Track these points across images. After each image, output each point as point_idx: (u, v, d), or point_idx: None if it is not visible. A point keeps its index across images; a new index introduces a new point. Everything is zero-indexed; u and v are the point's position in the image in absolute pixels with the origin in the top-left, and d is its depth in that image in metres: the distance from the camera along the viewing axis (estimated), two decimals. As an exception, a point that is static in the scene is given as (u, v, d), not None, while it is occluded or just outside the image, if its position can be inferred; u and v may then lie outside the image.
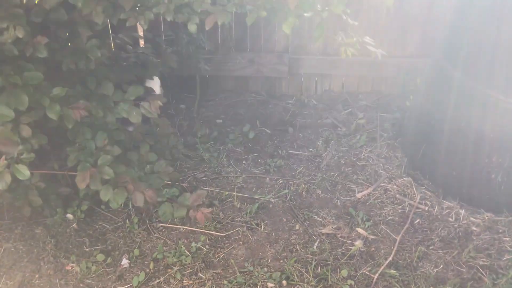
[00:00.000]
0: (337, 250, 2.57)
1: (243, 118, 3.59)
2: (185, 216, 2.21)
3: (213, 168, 3.11)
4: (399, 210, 2.82)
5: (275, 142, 3.38)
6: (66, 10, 2.07)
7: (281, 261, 2.51)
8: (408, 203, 2.84)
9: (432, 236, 2.65)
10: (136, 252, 2.54)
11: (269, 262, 2.51)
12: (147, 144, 2.65)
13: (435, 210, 2.79)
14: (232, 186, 2.98)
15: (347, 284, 2.37)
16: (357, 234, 2.67)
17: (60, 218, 2.67)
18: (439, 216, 2.76)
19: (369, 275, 2.43)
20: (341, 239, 2.64)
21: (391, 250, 2.57)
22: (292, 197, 2.91)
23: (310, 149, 3.30)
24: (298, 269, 2.46)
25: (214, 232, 2.66)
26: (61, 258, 2.50)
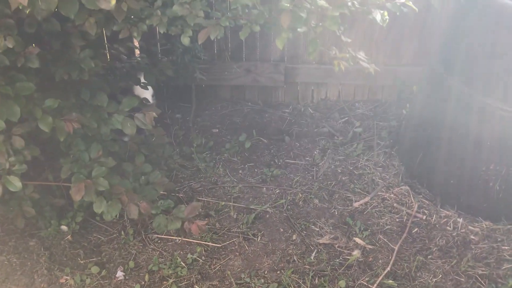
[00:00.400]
0: (334, 261, 2.55)
1: (239, 128, 3.57)
2: (179, 228, 2.18)
3: (209, 178, 3.09)
4: (397, 219, 2.79)
5: (272, 151, 3.36)
6: (59, 20, 2.06)
7: (278, 272, 2.49)
8: (406, 212, 2.82)
9: (430, 245, 2.63)
10: (131, 264, 2.51)
11: (266, 273, 2.48)
12: (142, 155, 2.63)
13: (433, 219, 2.77)
14: (229, 196, 2.96)
15: (344, 295, 2.35)
16: (354, 244, 2.64)
17: (55, 230, 2.64)
18: (437, 225, 2.74)
19: (367, 285, 2.41)
20: (338, 249, 2.61)
21: (389, 260, 2.55)
22: (289, 206, 2.89)
23: (307, 158, 3.29)
24: (295, 280, 2.43)
25: (210, 243, 2.63)
26: (55, 271, 2.47)
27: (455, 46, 2.67)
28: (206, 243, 2.63)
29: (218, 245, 2.63)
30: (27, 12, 1.66)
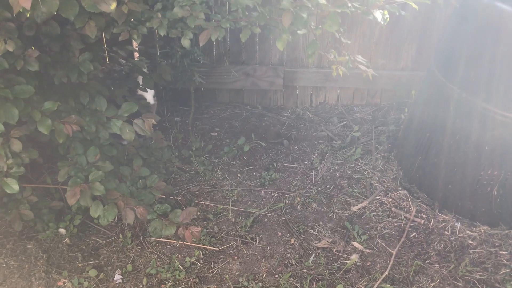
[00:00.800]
0: (332, 265, 2.54)
1: (238, 131, 3.57)
2: (173, 234, 2.18)
3: (207, 182, 3.08)
4: (395, 224, 2.79)
5: (270, 155, 3.36)
6: (58, 23, 2.07)
7: (276, 276, 2.48)
8: (404, 216, 2.82)
9: (428, 250, 2.63)
10: (129, 267, 2.50)
11: (264, 277, 2.48)
12: (139, 158, 2.63)
13: (431, 224, 2.77)
14: (227, 199, 2.95)
15: (342, 299, 2.34)
16: (352, 248, 2.64)
17: (52, 232, 2.64)
18: (435, 230, 2.74)
19: (365, 290, 2.41)
20: (336, 253, 2.61)
21: (387, 264, 2.54)
22: (287, 210, 2.89)
23: (305, 162, 3.29)
24: (293, 284, 2.43)
25: (208, 247, 2.63)
26: (53, 274, 2.47)
27: (454, 51, 2.67)
28: (204, 246, 2.63)
29: (216, 248, 2.63)
30: (27, 15, 1.66)
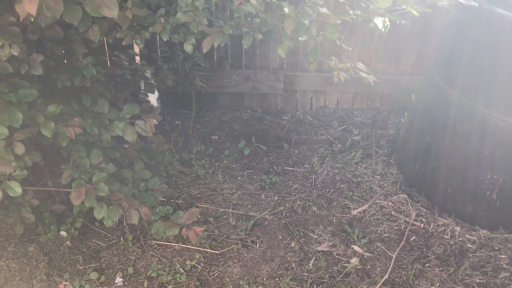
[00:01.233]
0: (333, 268, 2.56)
1: (238, 135, 3.59)
2: (177, 234, 2.19)
3: (208, 185, 3.10)
4: (395, 227, 2.81)
5: (271, 158, 3.37)
6: (62, 27, 2.08)
7: (276, 279, 2.49)
8: (404, 220, 2.84)
9: (428, 254, 2.64)
10: (130, 270, 2.51)
11: (264, 280, 2.49)
12: (141, 161, 2.64)
13: (431, 227, 2.79)
14: (228, 203, 2.97)
15: (343, 302, 2.35)
16: (353, 252, 2.65)
17: (54, 235, 2.65)
18: (434, 233, 2.76)
19: (365, 293, 2.42)
20: (337, 256, 2.63)
21: (387, 267, 2.56)
22: (287, 214, 2.90)
23: (306, 165, 3.30)
24: (294, 287, 2.44)
25: (209, 250, 2.64)
26: (54, 277, 2.47)
27: (454, 56, 2.68)
28: (205, 249, 2.64)
29: (217, 251, 2.64)
30: (32, 20, 1.67)
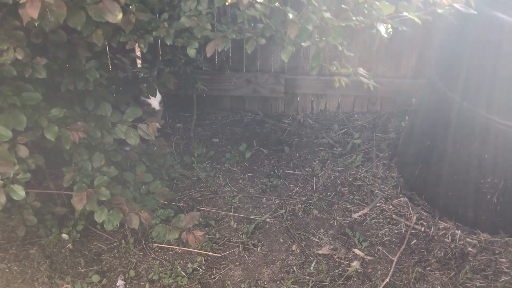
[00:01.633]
0: (334, 271, 2.56)
1: (239, 138, 3.60)
2: (177, 238, 2.20)
3: (209, 188, 3.10)
4: (396, 231, 2.82)
5: (272, 161, 3.38)
6: (65, 31, 2.09)
7: (277, 282, 2.50)
8: (405, 224, 2.84)
9: (428, 257, 2.65)
10: (132, 273, 2.52)
11: (265, 283, 2.50)
12: (143, 165, 2.65)
13: (432, 231, 2.79)
14: (229, 206, 2.97)
15: (344, 306, 2.36)
16: (353, 255, 2.66)
17: (55, 238, 2.65)
18: (435, 237, 2.76)
19: (366, 296, 2.42)
20: (337, 260, 2.63)
21: (388, 271, 2.56)
22: (288, 217, 2.91)
23: (307, 168, 3.31)
24: (294, 290, 2.45)
25: (210, 253, 2.65)
26: (55, 279, 2.48)
27: (455, 60, 2.70)
28: (206, 252, 2.65)
29: (218, 255, 2.64)
30: (36, 24, 1.68)
